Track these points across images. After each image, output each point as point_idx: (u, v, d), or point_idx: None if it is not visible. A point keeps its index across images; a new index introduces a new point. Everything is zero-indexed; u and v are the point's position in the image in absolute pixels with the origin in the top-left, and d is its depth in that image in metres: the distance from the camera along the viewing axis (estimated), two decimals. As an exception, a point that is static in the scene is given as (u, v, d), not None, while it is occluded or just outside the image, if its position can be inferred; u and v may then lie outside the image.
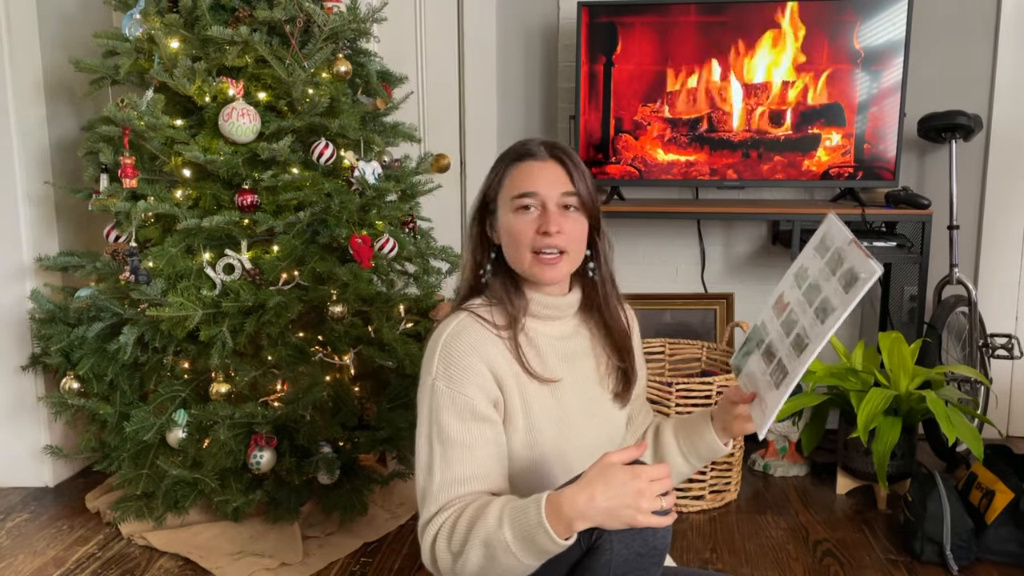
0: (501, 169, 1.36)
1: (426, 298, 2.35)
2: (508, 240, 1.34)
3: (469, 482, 1.23)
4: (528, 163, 1.34)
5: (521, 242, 1.31)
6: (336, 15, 2.05)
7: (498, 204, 1.36)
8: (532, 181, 1.32)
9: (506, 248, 1.35)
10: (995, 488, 2.05)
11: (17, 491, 2.46)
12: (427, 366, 1.31)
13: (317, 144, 2.07)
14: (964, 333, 2.73)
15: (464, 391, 1.27)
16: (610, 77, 2.71)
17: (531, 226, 1.31)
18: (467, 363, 1.28)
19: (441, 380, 1.28)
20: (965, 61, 2.78)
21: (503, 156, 1.37)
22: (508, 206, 1.33)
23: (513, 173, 1.34)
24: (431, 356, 1.31)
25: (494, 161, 1.40)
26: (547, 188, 1.32)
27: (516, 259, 1.34)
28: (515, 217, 1.32)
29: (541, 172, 1.33)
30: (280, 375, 2.04)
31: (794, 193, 2.92)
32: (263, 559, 1.99)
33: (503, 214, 1.34)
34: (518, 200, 1.32)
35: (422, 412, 1.32)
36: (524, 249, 1.31)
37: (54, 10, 2.45)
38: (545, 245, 1.31)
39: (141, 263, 1.98)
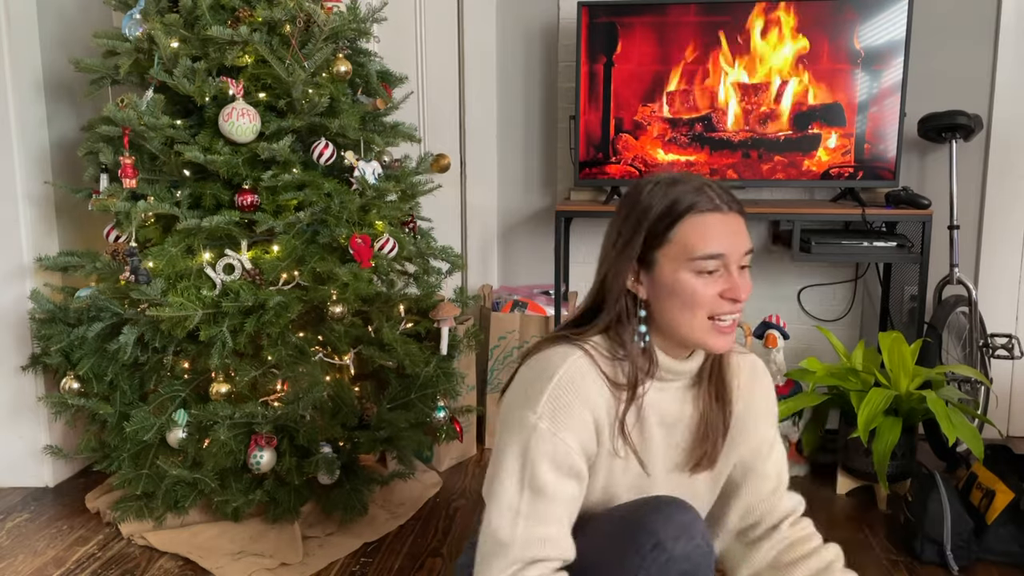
0: (668, 221, 1.17)
1: (426, 298, 2.35)
2: (675, 301, 1.17)
3: (549, 544, 1.15)
4: (712, 216, 1.16)
5: (699, 307, 1.16)
6: (336, 15, 2.05)
7: (661, 256, 1.17)
8: (719, 240, 1.15)
9: (666, 306, 1.19)
10: (995, 488, 2.05)
11: (17, 491, 2.46)
12: (530, 398, 1.18)
13: (317, 144, 2.07)
14: (964, 333, 2.73)
15: (567, 441, 1.16)
16: (610, 77, 2.71)
17: (713, 290, 1.16)
18: (577, 413, 1.17)
19: (546, 421, 1.16)
20: (965, 61, 2.78)
21: (668, 205, 1.17)
22: (684, 265, 1.16)
23: (692, 226, 1.16)
24: (539, 390, 1.17)
25: (631, 198, 1.21)
26: (733, 247, 1.16)
27: (682, 323, 1.18)
28: (695, 279, 1.15)
29: (726, 228, 1.16)
30: (280, 375, 2.04)
31: (794, 193, 2.92)
32: (263, 559, 1.99)
33: (672, 270, 1.17)
34: (703, 262, 1.15)
35: (511, 443, 1.18)
36: (700, 314, 1.17)
37: (54, 10, 2.46)
38: (727, 312, 1.17)
39: (141, 263, 1.98)
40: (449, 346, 2.34)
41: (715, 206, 1.16)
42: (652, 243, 1.18)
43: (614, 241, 1.23)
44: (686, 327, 1.18)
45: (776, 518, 1.37)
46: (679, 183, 1.18)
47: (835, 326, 2.95)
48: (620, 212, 1.24)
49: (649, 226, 1.18)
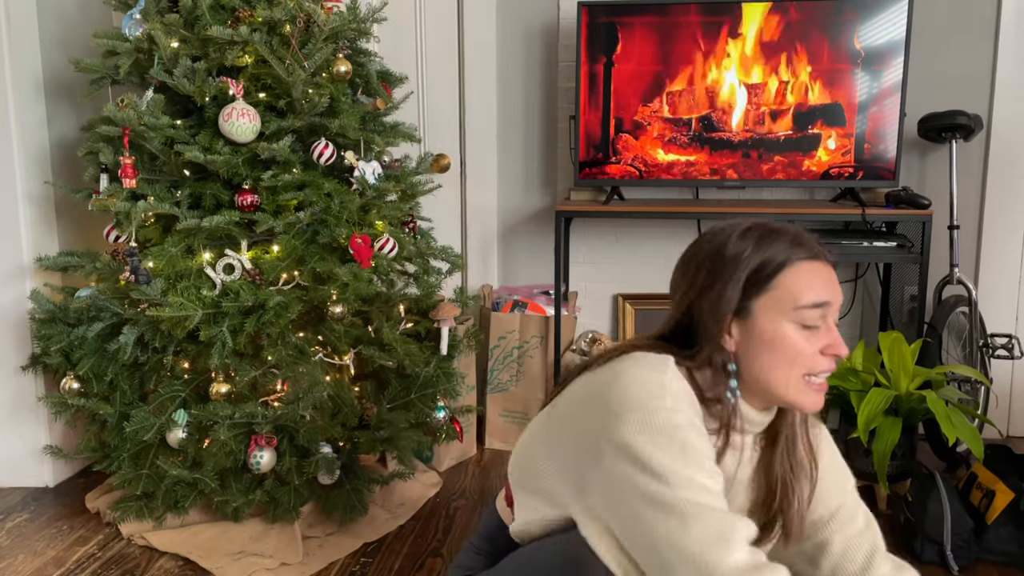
0: (774, 264, 1.09)
1: (426, 298, 2.35)
2: (771, 355, 1.10)
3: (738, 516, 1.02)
4: (815, 263, 1.10)
5: (797, 362, 1.09)
6: (336, 15, 2.05)
7: (759, 306, 1.10)
8: (825, 288, 1.09)
9: (760, 360, 1.11)
10: (995, 488, 2.05)
11: (17, 491, 2.46)
12: (645, 391, 1.06)
13: (317, 144, 2.07)
14: (964, 333, 2.73)
15: (705, 444, 1.05)
16: (610, 77, 2.71)
17: (814, 345, 1.09)
18: (697, 423, 1.07)
19: (684, 428, 1.04)
20: (965, 61, 2.78)
21: (772, 251, 1.10)
22: (787, 315, 1.08)
23: (797, 274, 1.09)
24: (654, 382, 1.06)
25: (734, 242, 1.12)
26: (836, 297, 1.10)
27: (775, 379, 1.10)
28: (797, 333, 1.09)
29: (829, 276, 1.10)
30: (280, 375, 2.04)
31: (794, 193, 2.92)
32: (263, 559, 1.99)
33: (771, 321, 1.09)
34: (808, 312, 1.08)
35: (644, 443, 1.02)
36: (797, 371, 1.09)
37: (54, 10, 2.46)
38: (825, 369, 1.10)
39: (141, 263, 1.98)
40: (449, 346, 2.34)
41: (815, 253, 1.11)
42: (749, 292, 1.10)
43: (701, 287, 1.13)
44: (779, 384, 1.10)
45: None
46: (775, 232, 1.12)
47: (835, 326, 2.95)
48: (703, 259, 1.14)
49: (748, 274, 1.10)
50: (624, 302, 3.02)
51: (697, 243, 1.18)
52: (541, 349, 2.77)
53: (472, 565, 1.37)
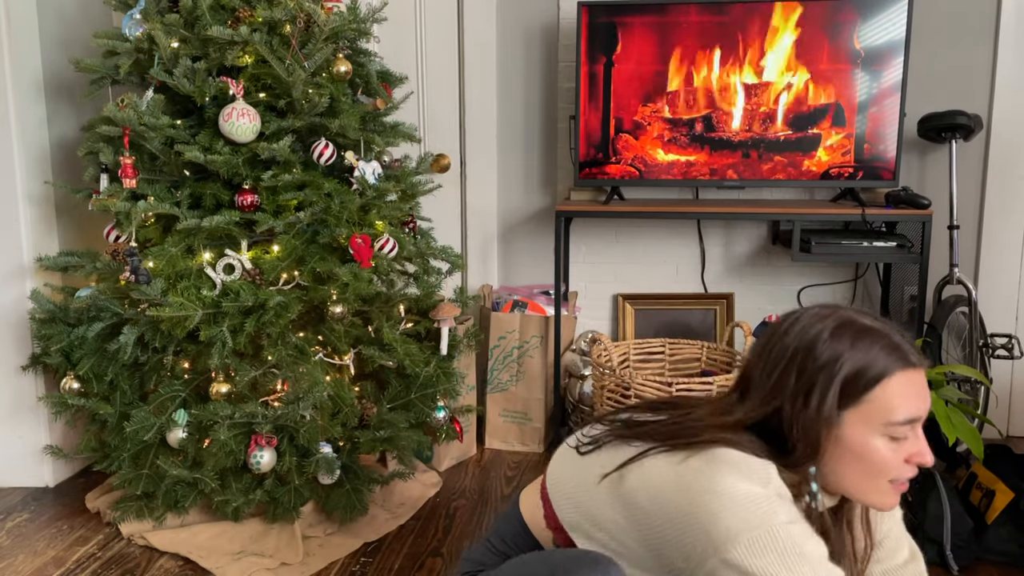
0: (870, 377, 1.05)
1: (426, 298, 2.35)
2: (860, 466, 1.08)
3: None
4: (911, 375, 1.06)
5: (882, 473, 1.07)
6: (336, 15, 2.05)
7: (849, 416, 1.07)
8: (919, 402, 1.06)
9: (846, 469, 1.09)
10: (995, 488, 2.05)
11: (17, 491, 2.46)
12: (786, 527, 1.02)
13: (317, 144, 2.07)
14: (964, 333, 2.73)
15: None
16: (610, 77, 2.71)
17: (901, 455, 1.07)
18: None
19: (797, 537, 1.01)
20: (965, 61, 2.78)
21: (872, 360, 1.06)
22: (879, 429, 1.06)
23: (894, 389, 1.05)
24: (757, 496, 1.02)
25: (825, 343, 1.07)
26: (925, 409, 1.07)
27: (859, 486, 1.09)
28: (887, 446, 1.06)
29: (923, 387, 1.07)
30: (280, 375, 2.04)
31: (794, 193, 2.92)
32: (263, 559, 1.99)
33: (862, 434, 1.07)
34: (900, 428, 1.05)
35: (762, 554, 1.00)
36: (881, 480, 1.08)
37: (54, 10, 2.46)
38: (909, 476, 1.08)
39: (141, 263, 1.98)
40: (449, 346, 2.34)
41: (911, 363, 1.06)
42: (840, 401, 1.06)
43: (792, 393, 1.09)
44: (862, 491, 1.10)
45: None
46: (870, 334, 1.07)
47: (835, 326, 2.95)
48: (791, 358, 1.10)
49: (842, 385, 1.06)
50: (624, 302, 3.02)
51: (781, 334, 1.13)
52: (541, 349, 2.77)
53: (485, 562, 1.36)
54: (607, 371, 2.38)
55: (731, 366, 2.52)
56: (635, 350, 2.66)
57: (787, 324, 1.14)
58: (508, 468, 2.63)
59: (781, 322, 1.15)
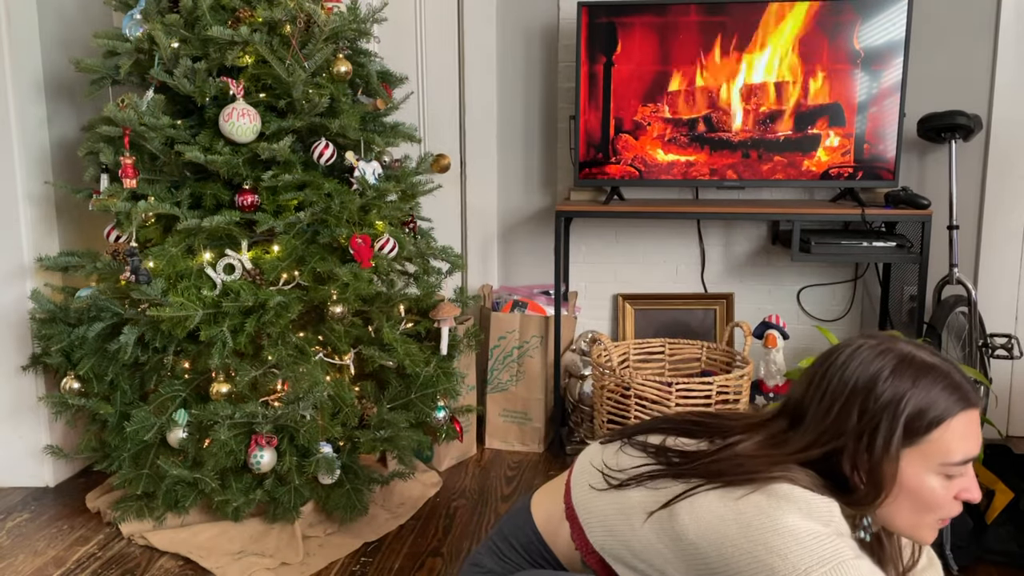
0: (931, 419, 1.05)
1: (426, 298, 2.35)
2: (913, 503, 1.08)
3: None
4: (969, 415, 1.06)
5: (935, 511, 1.08)
6: (336, 15, 2.05)
7: (907, 454, 1.06)
8: (975, 443, 1.06)
9: (898, 505, 1.09)
10: (995, 488, 2.05)
11: (17, 491, 2.46)
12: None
13: (317, 144, 2.08)
14: (964, 333, 2.74)
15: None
16: (610, 77, 2.71)
17: (952, 492, 1.07)
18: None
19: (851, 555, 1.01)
20: (965, 61, 2.78)
21: (933, 402, 1.05)
22: (935, 469, 1.06)
23: (954, 431, 1.05)
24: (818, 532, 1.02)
25: (886, 381, 1.06)
26: (980, 447, 1.07)
27: (908, 522, 1.10)
28: (939, 483, 1.06)
29: (978, 426, 1.07)
30: (280, 375, 2.04)
31: (794, 193, 2.92)
32: (263, 559, 1.99)
33: (917, 473, 1.06)
34: (955, 468, 1.05)
35: None
36: (931, 516, 1.08)
37: (54, 10, 2.46)
38: (956, 512, 1.09)
39: (141, 263, 1.98)
40: (449, 346, 2.34)
41: (969, 403, 1.06)
42: (905, 442, 1.06)
43: (854, 433, 1.08)
44: (911, 526, 1.10)
45: None
46: (931, 372, 1.07)
47: (835, 326, 2.95)
48: (849, 396, 1.09)
49: (905, 424, 1.05)
50: (624, 302, 3.02)
51: (839, 367, 1.11)
52: (541, 349, 2.77)
53: (491, 568, 1.32)
54: (607, 371, 2.38)
55: (731, 366, 2.52)
56: (635, 350, 2.66)
57: (845, 356, 1.12)
58: (508, 468, 2.63)
59: (837, 353, 1.13)
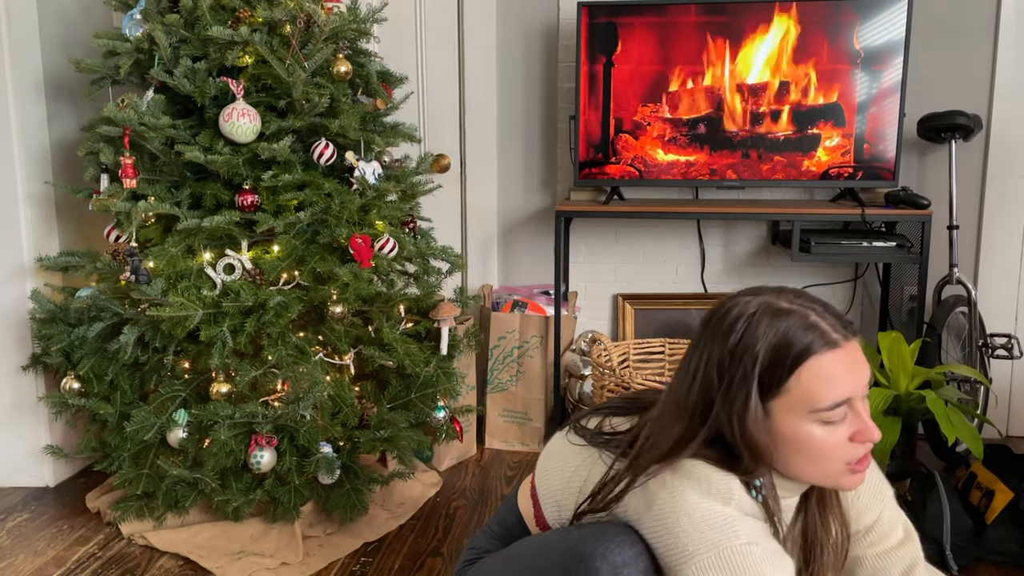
0: (785, 365, 1.01)
1: (426, 298, 2.35)
2: (802, 456, 1.04)
3: None
4: (831, 355, 1.01)
5: (829, 459, 1.03)
6: (336, 15, 2.05)
7: (776, 407, 1.03)
8: (844, 383, 1.01)
9: (790, 461, 1.05)
10: (995, 488, 2.05)
11: (17, 491, 2.46)
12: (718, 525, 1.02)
13: (317, 144, 2.08)
14: (964, 333, 2.74)
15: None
16: (610, 77, 2.71)
17: (840, 437, 1.03)
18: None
19: (762, 553, 1.01)
20: (965, 61, 2.78)
21: (784, 345, 1.01)
22: (806, 417, 1.01)
23: (812, 374, 1.00)
24: (722, 517, 1.02)
25: (741, 330, 1.03)
26: (857, 385, 1.02)
27: (811, 474, 1.06)
28: (820, 430, 1.02)
29: (849, 365, 1.01)
30: (280, 375, 2.04)
31: (794, 193, 2.92)
32: (263, 559, 2.00)
33: (792, 424, 1.02)
34: (827, 413, 1.01)
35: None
36: (830, 465, 1.04)
37: (54, 10, 2.46)
38: (861, 455, 1.04)
39: (141, 263, 1.98)
40: (449, 346, 2.34)
41: (832, 341, 1.01)
42: (764, 394, 1.03)
43: (716, 382, 1.06)
44: (817, 477, 1.06)
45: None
46: (783, 316, 1.02)
47: (835, 326, 2.95)
48: (714, 343, 1.07)
49: (760, 375, 1.02)
50: (624, 302, 3.02)
51: (706, 322, 1.10)
52: (541, 349, 2.77)
53: (487, 547, 1.37)
54: (607, 371, 2.38)
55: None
56: (635, 350, 2.66)
57: (709, 318, 1.09)
58: (508, 468, 2.63)
59: (709, 315, 1.10)
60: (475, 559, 1.38)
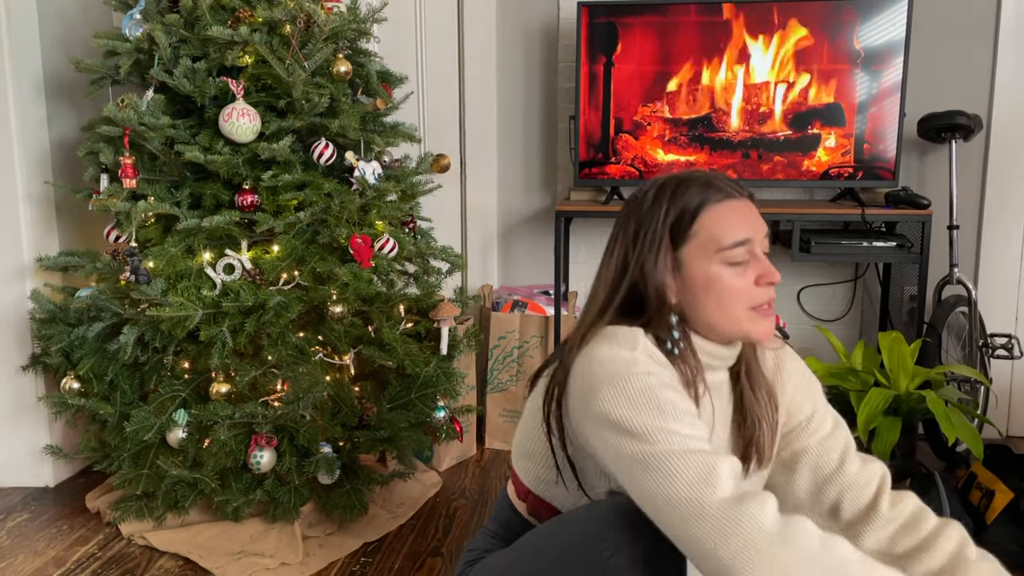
0: (690, 216, 1.15)
1: (426, 298, 2.35)
2: (710, 299, 1.14)
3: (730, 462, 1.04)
4: (727, 204, 1.15)
5: (737, 300, 1.14)
6: (336, 15, 2.05)
7: (686, 255, 1.15)
8: (743, 226, 1.14)
9: (701, 306, 1.16)
10: (995, 488, 2.05)
11: (17, 491, 2.46)
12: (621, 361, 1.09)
13: (317, 144, 2.08)
14: (964, 333, 2.74)
15: (685, 400, 1.10)
16: (610, 77, 2.71)
17: (746, 279, 1.14)
18: (674, 383, 1.12)
19: (657, 386, 1.07)
20: (965, 61, 2.78)
21: (684, 200, 1.15)
22: (713, 258, 1.14)
23: (712, 218, 1.14)
24: (627, 358, 1.09)
25: (651, 198, 1.18)
26: (756, 231, 1.15)
27: (722, 319, 1.15)
28: (726, 271, 1.14)
29: (745, 213, 1.15)
30: (280, 375, 2.04)
31: (794, 193, 2.92)
32: (263, 559, 1.99)
33: (702, 268, 1.14)
34: (729, 253, 1.13)
35: (629, 414, 1.05)
36: (738, 307, 1.14)
37: (54, 10, 2.46)
38: (765, 299, 1.15)
39: (141, 263, 1.98)
40: (449, 346, 2.34)
41: (727, 194, 1.16)
42: (675, 243, 1.16)
43: (631, 245, 1.18)
44: (727, 322, 1.16)
45: (866, 494, 1.25)
46: (685, 181, 1.18)
47: (835, 326, 2.95)
48: (629, 217, 1.20)
49: (670, 227, 1.16)
50: (624, 302, 3.02)
51: (624, 205, 1.24)
52: (541, 349, 2.77)
53: (487, 548, 1.38)
54: (607, 371, 2.38)
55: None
56: (635, 350, 2.66)
57: (627, 202, 1.24)
58: (508, 468, 2.63)
59: (626, 200, 1.25)
60: (476, 559, 1.38)
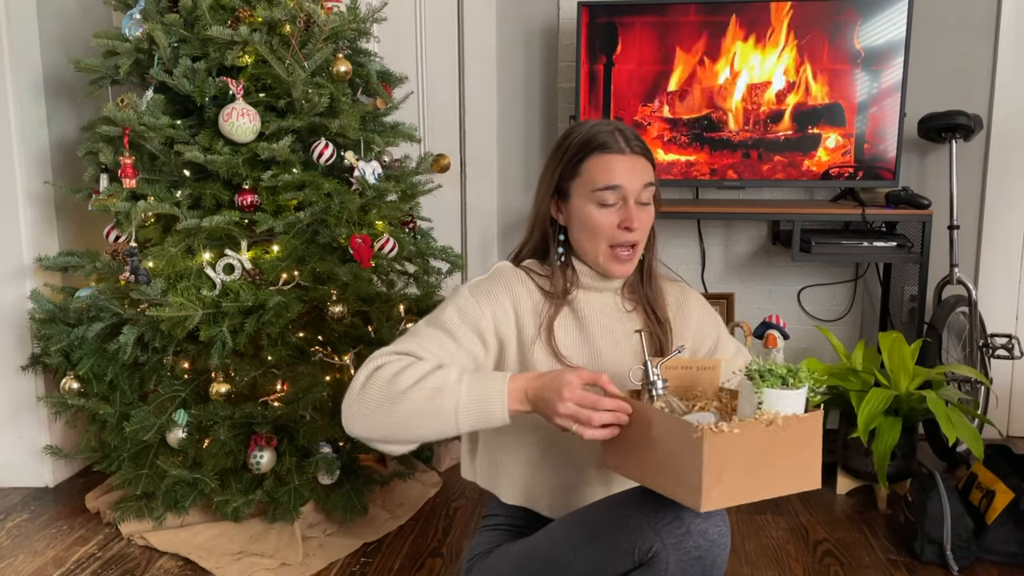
0: (579, 156, 1.34)
1: (426, 298, 2.35)
2: (582, 230, 1.34)
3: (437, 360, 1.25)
4: (615, 155, 1.32)
5: (599, 235, 1.33)
6: (336, 15, 2.05)
7: (573, 188, 1.35)
8: (616, 175, 1.31)
9: (577, 234, 1.36)
10: (995, 488, 2.05)
11: (17, 491, 2.46)
12: (464, 285, 1.36)
13: (317, 144, 2.07)
14: (964, 333, 2.73)
15: (481, 306, 1.31)
16: (610, 77, 2.71)
17: (611, 220, 1.32)
18: (497, 295, 1.33)
19: (468, 289, 1.33)
20: (965, 61, 2.78)
21: (581, 143, 1.34)
22: (587, 197, 1.33)
23: (596, 162, 1.32)
24: (473, 280, 1.37)
25: (561, 138, 1.38)
26: (630, 182, 1.32)
27: (588, 250, 1.36)
28: (595, 210, 1.33)
29: (626, 165, 1.32)
30: (280, 375, 2.04)
31: (794, 193, 2.92)
32: (263, 559, 1.99)
33: (579, 201, 1.34)
34: (600, 194, 1.32)
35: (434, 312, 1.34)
36: (600, 242, 1.34)
37: (54, 10, 2.46)
38: (624, 241, 1.33)
39: (141, 263, 1.98)
40: (449, 346, 2.33)
41: (619, 148, 1.32)
42: (567, 175, 1.35)
43: (542, 175, 1.40)
44: (591, 253, 1.35)
45: None
46: (597, 125, 1.35)
47: (835, 326, 2.95)
48: (550, 157, 1.40)
49: (565, 160, 1.35)
50: (624, 302, 3.02)
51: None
52: (541, 349, 2.77)
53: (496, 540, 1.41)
54: (607, 371, 2.38)
55: (731, 366, 2.52)
56: (635, 350, 2.66)
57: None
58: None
59: None
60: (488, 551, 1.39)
